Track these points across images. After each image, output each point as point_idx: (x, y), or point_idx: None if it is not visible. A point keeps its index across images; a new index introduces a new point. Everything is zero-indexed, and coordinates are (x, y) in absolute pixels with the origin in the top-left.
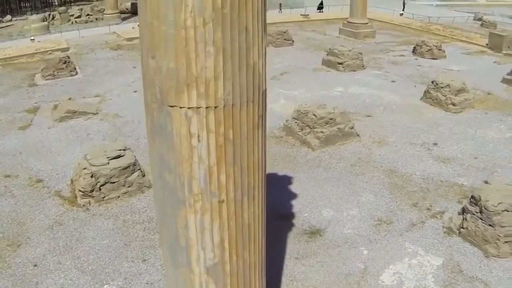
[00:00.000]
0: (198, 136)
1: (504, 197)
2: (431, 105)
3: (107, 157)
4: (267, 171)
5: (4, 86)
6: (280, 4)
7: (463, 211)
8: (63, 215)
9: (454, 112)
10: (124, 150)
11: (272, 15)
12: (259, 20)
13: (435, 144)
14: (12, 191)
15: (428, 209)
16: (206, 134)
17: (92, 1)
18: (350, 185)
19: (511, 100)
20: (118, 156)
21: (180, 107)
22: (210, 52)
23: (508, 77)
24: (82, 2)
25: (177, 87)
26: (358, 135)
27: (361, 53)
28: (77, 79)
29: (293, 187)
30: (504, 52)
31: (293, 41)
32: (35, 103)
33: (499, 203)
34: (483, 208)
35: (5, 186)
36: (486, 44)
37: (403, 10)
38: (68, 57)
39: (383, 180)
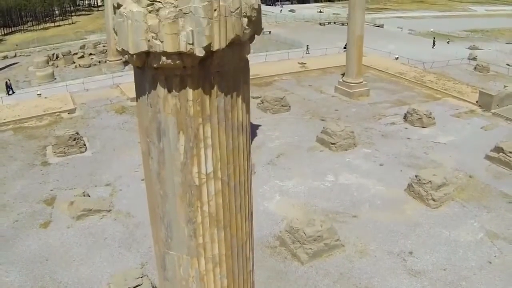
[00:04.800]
0: None
1: None
2: (414, 198)
3: (128, 287)
4: None
5: (18, 163)
6: (307, 45)
7: None
8: None
9: (434, 208)
10: (141, 277)
11: (276, 64)
12: None
13: (411, 253)
14: None
15: None
16: None
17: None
18: None
19: (490, 185)
20: (137, 285)
21: None
22: None
23: (491, 154)
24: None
25: None
26: (342, 245)
27: (352, 132)
28: (86, 158)
29: None
30: (493, 111)
31: (289, 106)
32: (51, 190)
33: None
34: None
35: None
36: (476, 102)
37: (433, 47)
38: (78, 133)
39: None
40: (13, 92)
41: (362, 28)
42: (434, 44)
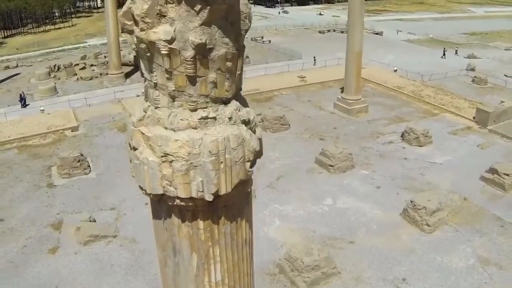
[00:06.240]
0: None
1: None
2: (409, 223)
3: None
4: None
5: (24, 184)
6: (314, 57)
7: None
8: None
9: (428, 233)
10: None
11: (276, 77)
12: None
13: (404, 279)
14: None
15: None
16: None
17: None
18: None
19: (483, 207)
20: None
21: None
22: None
23: (486, 174)
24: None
25: None
26: (339, 273)
27: (350, 154)
28: (91, 179)
29: None
30: (489, 127)
31: (289, 125)
32: (57, 214)
33: None
34: None
35: None
36: (473, 118)
37: (442, 56)
38: (82, 155)
39: None
40: (27, 105)
41: (361, 45)
42: (444, 54)
